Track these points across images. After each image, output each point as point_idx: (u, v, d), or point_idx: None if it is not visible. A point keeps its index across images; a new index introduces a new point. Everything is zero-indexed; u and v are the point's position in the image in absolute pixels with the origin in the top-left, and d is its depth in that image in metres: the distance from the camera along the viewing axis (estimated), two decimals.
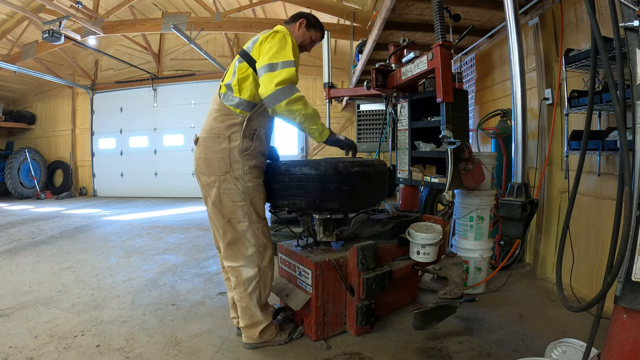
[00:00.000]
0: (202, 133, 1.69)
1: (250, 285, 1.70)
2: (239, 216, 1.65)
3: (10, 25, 6.58)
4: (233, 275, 1.72)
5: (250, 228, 1.66)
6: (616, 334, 0.99)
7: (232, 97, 1.64)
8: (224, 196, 1.63)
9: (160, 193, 8.42)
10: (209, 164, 1.63)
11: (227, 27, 5.89)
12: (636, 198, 0.94)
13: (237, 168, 1.61)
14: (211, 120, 1.66)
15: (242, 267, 1.70)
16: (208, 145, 1.64)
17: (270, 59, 1.56)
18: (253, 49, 1.64)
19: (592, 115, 1.21)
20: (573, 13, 2.43)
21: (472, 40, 3.60)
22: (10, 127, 8.98)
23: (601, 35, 1.06)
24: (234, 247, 1.69)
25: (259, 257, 1.70)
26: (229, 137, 1.61)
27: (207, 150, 1.64)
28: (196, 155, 1.69)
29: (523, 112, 1.62)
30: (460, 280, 1.88)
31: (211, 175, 1.63)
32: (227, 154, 1.61)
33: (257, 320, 1.73)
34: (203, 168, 1.66)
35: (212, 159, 1.63)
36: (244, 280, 1.70)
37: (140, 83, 8.50)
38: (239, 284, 1.71)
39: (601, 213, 2.19)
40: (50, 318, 2.12)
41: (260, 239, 1.70)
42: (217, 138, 1.62)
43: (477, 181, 2.09)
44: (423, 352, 1.75)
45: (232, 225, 1.66)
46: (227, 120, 1.62)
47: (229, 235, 1.68)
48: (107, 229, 4.80)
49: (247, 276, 1.69)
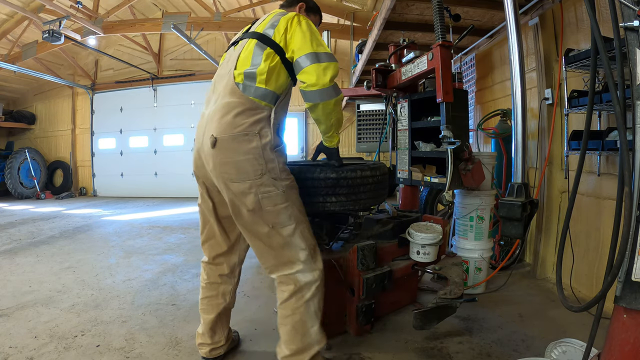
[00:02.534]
0: (220, 133, 1.38)
1: (309, 291, 1.44)
2: (284, 220, 1.43)
3: (10, 25, 6.58)
4: (286, 284, 1.46)
5: (298, 230, 1.45)
6: (616, 334, 0.99)
7: (257, 88, 1.42)
8: (264, 201, 1.39)
9: (160, 193, 8.42)
10: (240, 169, 1.38)
11: (227, 27, 5.89)
12: (636, 198, 0.94)
13: (273, 167, 1.41)
14: (232, 116, 1.39)
15: (298, 273, 1.44)
16: (234, 146, 1.38)
17: (312, 48, 1.41)
18: (275, 34, 1.44)
19: (592, 115, 1.21)
20: (573, 13, 2.43)
21: (472, 40, 3.60)
22: (10, 127, 8.98)
23: (601, 35, 1.06)
24: (283, 254, 1.45)
25: (312, 260, 1.47)
26: (259, 134, 1.39)
27: (235, 153, 1.38)
28: (217, 161, 1.40)
29: (523, 112, 1.62)
30: (460, 280, 1.88)
31: (245, 180, 1.38)
32: (261, 152, 1.38)
33: (309, 342, 1.44)
34: (233, 174, 1.38)
35: (243, 161, 1.38)
36: (301, 287, 1.44)
37: (140, 83, 8.50)
38: (295, 293, 1.44)
39: (601, 213, 2.19)
40: (50, 318, 2.12)
41: (309, 240, 1.49)
42: (245, 136, 1.38)
43: (477, 181, 2.09)
44: (423, 352, 1.75)
45: (277, 231, 1.43)
46: (254, 114, 1.40)
47: (276, 243, 1.44)
48: (107, 229, 4.80)
49: (305, 281, 1.44)
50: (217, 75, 1.59)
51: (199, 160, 1.53)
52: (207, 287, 1.70)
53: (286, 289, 1.46)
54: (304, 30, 1.44)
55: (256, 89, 1.42)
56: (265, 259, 1.49)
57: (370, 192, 1.80)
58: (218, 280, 1.69)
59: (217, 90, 1.52)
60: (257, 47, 1.45)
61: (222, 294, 1.70)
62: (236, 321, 2.09)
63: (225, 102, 1.42)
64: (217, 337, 1.69)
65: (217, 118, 1.41)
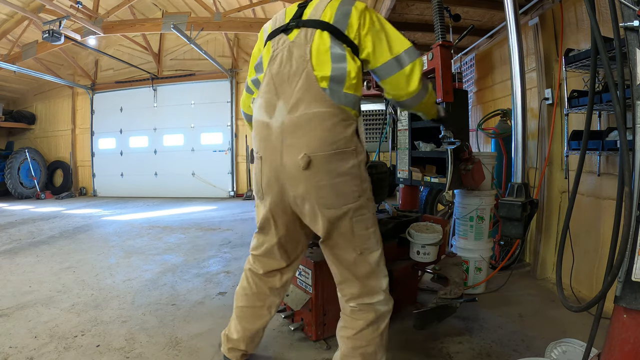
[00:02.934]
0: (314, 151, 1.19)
1: (384, 322, 1.35)
2: (372, 245, 1.32)
3: (10, 25, 6.58)
4: (365, 312, 1.33)
5: (382, 255, 1.34)
6: (616, 334, 0.99)
7: (346, 94, 1.23)
8: (357, 225, 1.27)
9: (160, 193, 8.42)
10: (338, 193, 1.22)
11: (227, 27, 5.89)
12: (636, 198, 0.94)
13: (366, 187, 1.28)
14: (325, 130, 1.19)
15: (377, 304, 1.33)
16: (331, 167, 1.20)
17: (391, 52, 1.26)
18: (349, 30, 1.23)
19: (592, 115, 1.21)
20: (573, 13, 2.43)
21: (472, 40, 3.60)
22: (10, 127, 8.99)
23: (601, 35, 1.06)
24: (368, 283, 1.33)
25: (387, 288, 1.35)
26: (355, 150, 1.23)
27: (332, 174, 1.20)
28: (312, 184, 1.21)
29: (523, 112, 1.62)
30: (460, 280, 1.88)
31: (343, 206, 1.23)
32: (358, 172, 1.24)
33: None
34: (331, 199, 1.22)
35: (340, 184, 1.22)
36: (378, 317, 1.34)
37: (140, 83, 8.51)
38: (372, 323, 1.33)
39: (601, 213, 2.19)
40: (50, 318, 2.12)
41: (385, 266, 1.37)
42: (343, 154, 1.21)
43: (477, 181, 2.09)
44: (423, 352, 1.75)
45: (364, 258, 1.30)
46: (347, 126, 1.22)
47: (362, 271, 1.31)
48: (107, 229, 4.80)
49: (383, 311, 1.35)
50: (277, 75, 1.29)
51: (274, 183, 1.30)
52: (253, 296, 1.54)
53: (364, 317, 1.33)
54: (378, 30, 1.26)
55: (346, 95, 1.22)
56: (347, 286, 1.35)
57: None
58: (267, 292, 1.54)
59: (284, 93, 1.26)
60: (334, 43, 1.23)
61: (269, 307, 1.56)
62: None
63: (312, 112, 1.20)
64: (253, 344, 1.60)
65: (306, 132, 1.20)
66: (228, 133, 8.18)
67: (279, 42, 1.32)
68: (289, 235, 1.44)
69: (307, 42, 1.25)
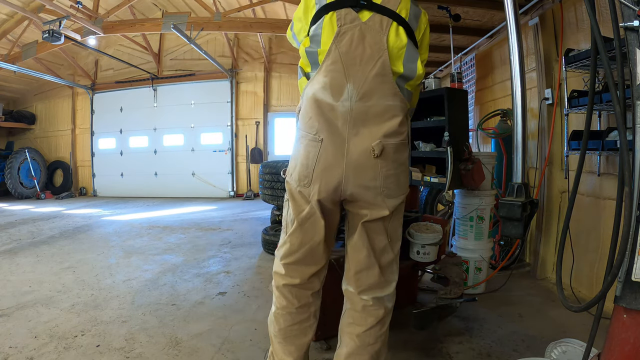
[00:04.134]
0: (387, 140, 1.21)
1: (389, 319, 1.35)
2: (399, 234, 1.34)
3: (10, 25, 6.58)
4: (376, 309, 1.32)
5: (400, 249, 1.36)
6: (616, 334, 0.99)
7: (408, 91, 1.29)
8: (397, 213, 1.30)
9: (160, 193, 8.42)
10: (399, 182, 1.26)
11: (227, 27, 5.89)
12: (636, 198, 0.94)
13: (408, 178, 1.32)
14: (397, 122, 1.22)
15: (386, 297, 1.33)
16: (397, 156, 1.24)
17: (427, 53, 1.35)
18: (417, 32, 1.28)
19: (592, 115, 1.21)
20: (573, 13, 2.43)
21: (472, 40, 3.60)
22: (10, 127, 8.99)
23: (601, 35, 1.06)
24: (386, 273, 1.33)
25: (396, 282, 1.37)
26: (408, 143, 1.30)
27: (397, 164, 1.24)
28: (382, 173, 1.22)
29: (523, 112, 1.61)
30: (460, 280, 1.89)
31: (400, 195, 1.27)
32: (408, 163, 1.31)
33: None
34: (393, 189, 1.24)
35: (401, 173, 1.27)
36: (385, 315, 1.33)
37: (140, 83, 8.51)
38: (381, 320, 1.32)
39: (601, 213, 2.19)
40: (50, 318, 2.12)
41: None
42: (403, 145, 1.26)
43: (477, 181, 2.09)
44: (423, 352, 1.75)
45: (391, 247, 1.32)
46: (407, 120, 1.28)
47: (385, 259, 1.32)
48: (107, 229, 4.80)
49: (389, 307, 1.35)
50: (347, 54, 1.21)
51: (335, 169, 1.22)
52: (298, 311, 1.40)
53: (375, 314, 1.31)
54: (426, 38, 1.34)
55: (408, 93, 1.29)
56: (368, 276, 1.31)
57: None
58: (310, 300, 1.41)
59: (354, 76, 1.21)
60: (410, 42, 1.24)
61: (314, 314, 1.44)
62: (236, 321, 2.10)
63: (387, 104, 1.21)
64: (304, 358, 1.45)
65: (379, 122, 1.21)
66: (228, 133, 8.18)
67: (347, 17, 1.22)
68: (332, 228, 1.36)
69: (384, 32, 1.20)
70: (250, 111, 8.16)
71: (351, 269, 1.35)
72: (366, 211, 1.26)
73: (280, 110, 8.08)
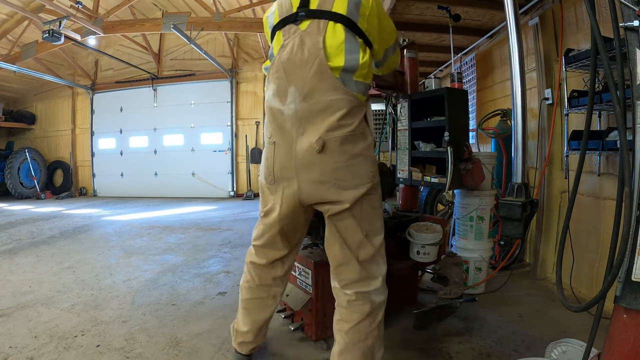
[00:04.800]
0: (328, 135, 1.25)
1: (380, 314, 1.37)
2: (378, 227, 1.35)
3: (10, 25, 6.58)
4: (361, 304, 1.33)
5: (383, 241, 1.37)
6: (616, 334, 0.99)
7: (357, 82, 1.30)
8: (366, 205, 1.31)
9: (160, 193, 8.42)
10: (355, 172, 1.28)
11: (227, 27, 5.90)
12: (636, 198, 0.94)
13: (376, 169, 1.35)
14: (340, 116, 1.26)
15: (372, 292, 1.34)
16: (345, 148, 1.26)
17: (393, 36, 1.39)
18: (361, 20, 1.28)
19: (592, 115, 1.20)
20: (573, 13, 2.43)
21: (472, 40, 3.60)
22: (10, 127, 8.99)
23: (601, 35, 1.06)
24: (368, 267, 1.34)
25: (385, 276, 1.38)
26: (363, 133, 1.30)
27: (348, 156, 1.26)
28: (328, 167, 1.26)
29: (523, 112, 1.61)
30: (460, 280, 1.89)
31: (359, 186, 1.28)
32: (369, 153, 1.31)
33: None
34: (348, 180, 1.27)
35: (356, 164, 1.28)
36: (375, 308, 1.34)
37: (140, 83, 8.51)
38: (369, 315, 1.33)
39: (601, 213, 2.19)
40: (50, 318, 2.12)
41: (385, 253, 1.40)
42: (352, 136, 1.27)
43: (477, 181, 2.09)
44: (423, 352, 1.75)
45: (369, 240, 1.33)
46: (359, 111, 1.30)
47: (364, 254, 1.33)
48: (107, 229, 4.80)
49: (379, 301, 1.35)
50: (288, 61, 1.31)
51: (288, 169, 1.32)
52: (258, 288, 1.57)
53: (360, 309, 1.33)
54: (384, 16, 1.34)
55: (357, 84, 1.29)
56: (347, 270, 1.35)
57: None
58: (271, 282, 1.57)
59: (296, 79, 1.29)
60: (348, 36, 1.27)
61: (274, 296, 1.59)
62: None
63: (329, 99, 1.25)
64: (260, 336, 1.63)
65: (322, 118, 1.26)
66: (228, 133, 8.19)
67: (290, 31, 1.34)
68: (291, 222, 1.44)
69: (320, 33, 1.27)
70: (250, 111, 8.16)
71: (332, 264, 1.40)
72: (328, 206, 1.32)
73: None
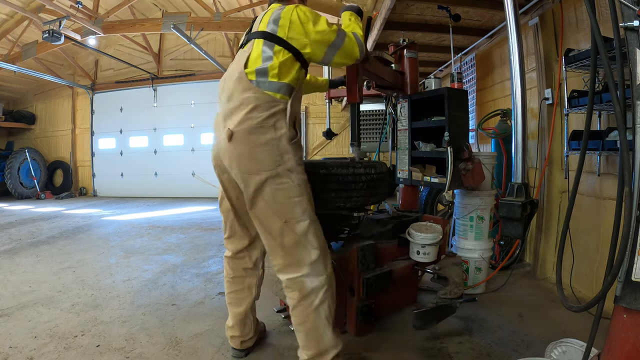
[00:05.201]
0: (236, 126, 1.42)
1: (317, 298, 1.43)
2: (298, 214, 1.42)
3: (10, 25, 6.58)
4: (292, 290, 1.45)
5: (312, 227, 1.44)
6: (616, 334, 1.00)
7: (271, 82, 1.44)
8: (279, 192, 1.41)
9: (160, 193, 8.42)
10: (256, 160, 1.41)
11: (227, 27, 5.89)
12: (636, 198, 0.94)
13: (289, 159, 1.43)
14: (248, 111, 1.42)
15: (304, 277, 1.42)
16: (250, 138, 1.40)
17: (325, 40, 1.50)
18: (280, 31, 1.47)
19: (592, 115, 1.21)
20: (573, 13, 2.43)
21: (472, 40, 3.60)
22: (10, 127, 8.98)
23: (601, 35, 1.06)
24: (294, 253, 1.43)
25: (322, 262, 1.45)
26: (274, 126, 1.42)
27: (251, 145, 1.40)
28: (234, 154, 1.43)
29: (523, 112, 1.62)
30: (460, 280, 1.89)
31: (260, 172, 1.41)
32: (276, 144, 1.41)
33: (325, 347, 1.44)
34: (250, 166, 1.41)
35: (259, 152, 1.40)
36: (307, 293, 1.42)
37: (140, 83, 8.51)
38: (302, 300, 1.43)
39: (601, 213, 2.19)
40: (50, 318, 2.12)
41: (321, 240, 1.47)
42: (260, 128, 1.40)
43: (477, 181, 2.09)
44: (423, 352, 1.75)
45: (290, 227, 1.42)
46: (269, 107, 1.42)
47: (287, 240, 1.43)
48: (107, 229, 4.80)
49: (312, 287, 1.43)
50: (226, 74, 1.59)
51: (217, 158, 1.56)
52: (233, 281, 1.73)
53: (293, 295, 1.45)
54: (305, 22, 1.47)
55: (270, 83, 1.44)
56: (275, 257, 1.48)
57: (363, 190, 1.79)
58: (243, 273, 1.72)
59: (227, 88, 1.51)
60: (265, 45, 1.47)
61: (248, 287, 1.73)
62: None
63: (241, 97, 1.44)
64: (246, 329, 1.73)
65: (234, 114, 1.44)
66: None
67: (238, 54, 1.63)
68: (242, 207, 1.59)
69: (248, 50, 1.51)
70: None
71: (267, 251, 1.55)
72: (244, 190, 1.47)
73: None
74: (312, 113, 7.84)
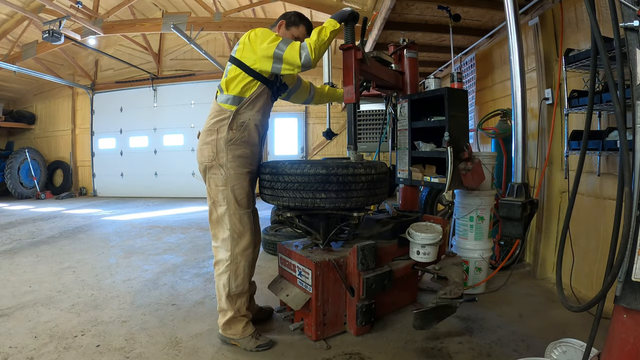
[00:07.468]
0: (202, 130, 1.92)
1: (220, 268, 1.83)
2: (220, 199, 1.83)
3: (10, 25, 6.58)
4: (214, 254, 1.90)
5: (228, 212, 1.81)
6: (616, 334, 1.00)
7: (221, 95, 1.86)
8: (210, 180, 1.85)
9: (160, 193, 8.41)
10: (201, 153, 1.86)
11: (227, 27, 5.89)
12: (636, 198, 0.94)
13: (221, 156, 1.81)
14: (207, 118, 1.89)
15: (218, 248, 1.86)
16: (202, 138, 1.87)
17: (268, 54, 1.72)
18: (237, 52, 1.83)
19: (592, 115, 1.21)
20: (573, 13, 2.43)
21: (472, 40, 3.60)
22: (10, 127, 8.98)
23: (601, 35, 1.06)
24: (215, 227, 1.87)
25: (231, 243, 1.81)
26: (217, 130, 1.82)
27: (201, 142, 1.87)
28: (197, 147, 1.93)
29: (523, 112, 1.62)
30: (460, 280, 1.88)
31: (202, 162, 1.86)
32: (215, 144, 1.81)
33: (222, 307, 1.84)
34: (198, 157, 1.89)
35: (203, 149, 1.84)
36: (217, 261, 1.87)
37: (140, 83, 8.50)
38: (215, 264, 1.89)
39: (601, 213, 2.19)
40: (50, 318, 2.12)
41: (235, 225, 1.82)
42: (208, 131, 1.84)
43: (477, 181, 2.09)
44: (423, 352, 1.75)
45: (215, 207, 1.85)
46: (218, 115, 1.83)
47: (213, 216, 1.87)
48: (107, 229, 4.80)
49: (220, 257, 1.85)
50: None
51: None
52: None
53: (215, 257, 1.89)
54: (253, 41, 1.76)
55: (220, 96, 1.86)
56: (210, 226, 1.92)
57: (363, 190, 1.79)
58: None
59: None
60: (229, 66, 1.86)
61: None
62: None
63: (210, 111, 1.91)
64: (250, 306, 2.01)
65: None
66: None
67: None
68: None
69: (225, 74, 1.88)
70: None
71: None
72: None
73: (280, 110, 8.07)
74: (312, 113, 7.85)
